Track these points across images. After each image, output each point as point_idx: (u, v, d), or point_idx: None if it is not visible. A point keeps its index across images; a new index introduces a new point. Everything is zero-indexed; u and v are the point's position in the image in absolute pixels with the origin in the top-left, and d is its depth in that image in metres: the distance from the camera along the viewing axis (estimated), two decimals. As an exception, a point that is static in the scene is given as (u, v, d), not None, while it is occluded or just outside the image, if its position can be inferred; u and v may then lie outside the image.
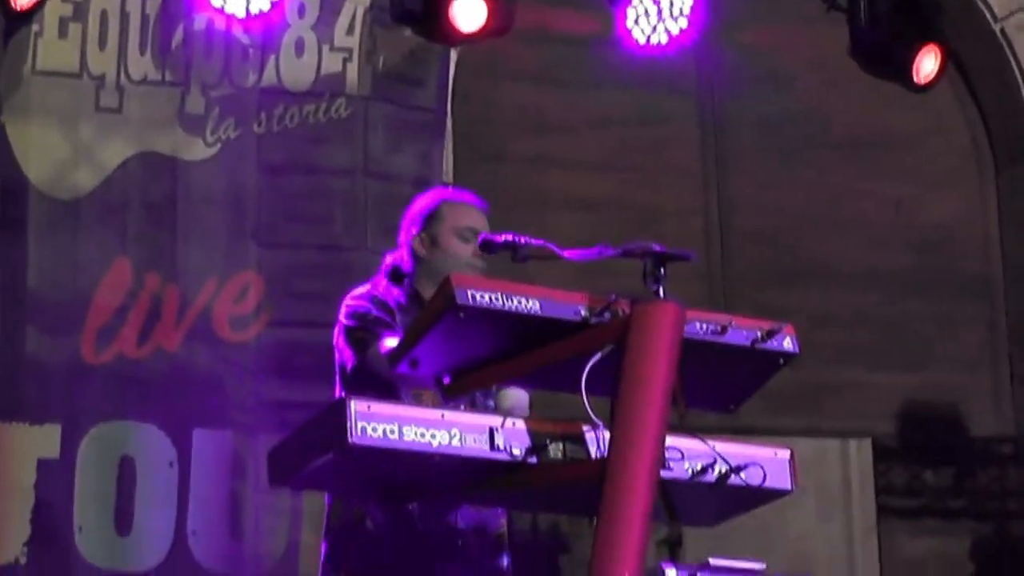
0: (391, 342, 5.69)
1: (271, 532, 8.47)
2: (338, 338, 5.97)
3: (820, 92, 10.20)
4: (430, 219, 6.09)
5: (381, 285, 6.09)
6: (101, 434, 8.33)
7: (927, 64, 9.49)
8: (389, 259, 6.14)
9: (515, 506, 6.08)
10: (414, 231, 6.10)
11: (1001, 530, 10.66)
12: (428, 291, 5.92)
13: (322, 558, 5.95)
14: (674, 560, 5.47)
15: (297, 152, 8.86)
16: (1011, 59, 10.70)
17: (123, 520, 8.30)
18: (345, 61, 8.93)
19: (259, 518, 8.45)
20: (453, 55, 9.31)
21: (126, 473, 8.34)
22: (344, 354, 5.93)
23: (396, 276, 6.11)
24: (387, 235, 6.28)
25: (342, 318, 5.96)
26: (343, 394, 5.81)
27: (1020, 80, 10.71)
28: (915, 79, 9.48)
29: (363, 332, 5.86)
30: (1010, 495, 10.66)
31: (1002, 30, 10.70)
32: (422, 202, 6.17)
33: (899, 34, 9.28)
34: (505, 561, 6.02)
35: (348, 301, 6.00)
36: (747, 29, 10.06)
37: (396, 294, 6.04)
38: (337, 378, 5.97)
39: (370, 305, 5.93)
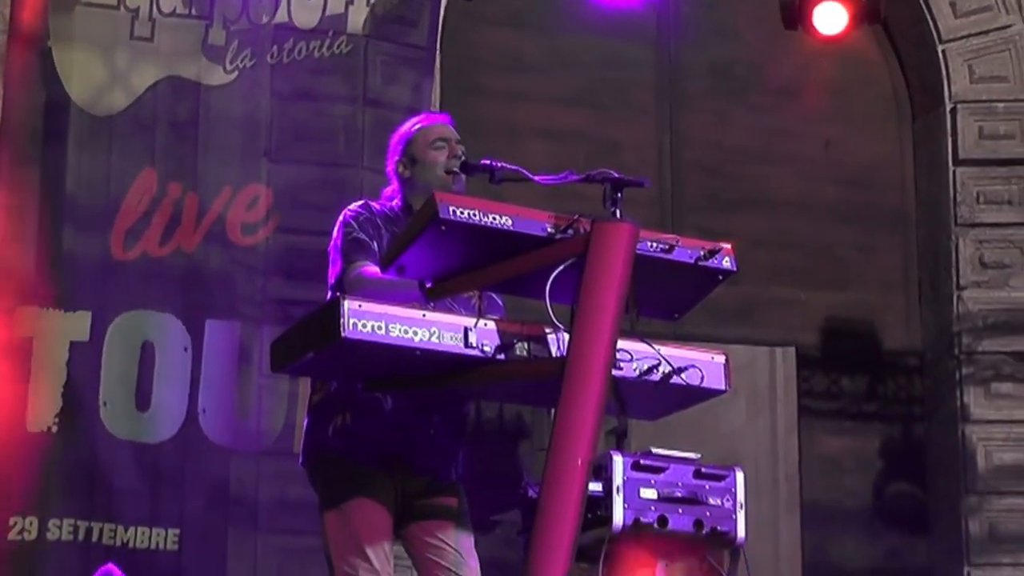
0: (366, 266, 5.73)
1: (271, 412, 8.48)
2: (331, 248, 5.97)
3: (763, 43, 10.20)
4: (407, 144, 6.08)
5: (380, 200, 6.09)
6: (126, 321, 8.32)
7: (834, 17, 9.34)
8: (388, 189, 6.14)
9: (484, 397, 6.11)
10: (396, 158, 6.10)
11: (907, 431, 10.68)
12: (417, 203, 5.91)
13: (304, 430, 5.96)
14: (620, 449, 5.49)
15: (304, 82, 8.84)
16: (928, 17, 10.66)
17: (142, 397, 8.31)
18: (348, 3, 8.92)
19: (261, 399, 8.47)
20: (443, 0, 9.28)
21: (146, 356, 8.34)
22: (334, 264, 5.93)
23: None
24: (381, 155, 6.27)
25: (335, 231, 5.96)
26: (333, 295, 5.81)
27: (935, 36, 10.68)
28: (822, 31, 9.38)
29: (346, 251, 5.86)
30: (915, 401, 10.68)
31: (924, -5, 10.73)
32: (399, 133, 6.16)
33: None
34: (460, 449, 6.01)
35: (342, 216, 5.99)
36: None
37: (390, 209, 6.03)
38: (329, 282, 5.97)
39: (356, 226, 5.91)
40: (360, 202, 6.06)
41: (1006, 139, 10.66)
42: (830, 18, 8.99)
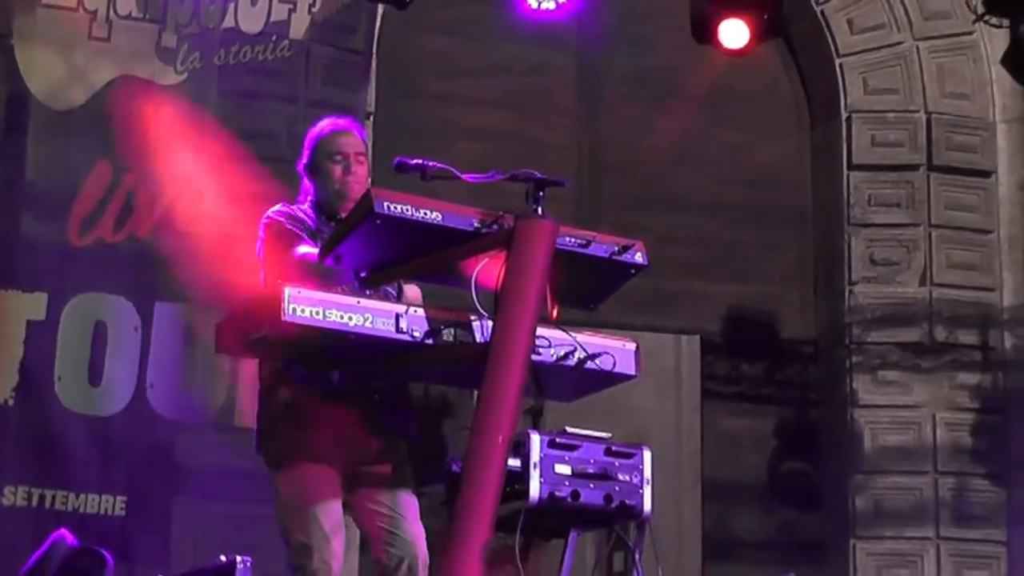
0: (302, 249, 5.71)
1: (214, 388, 8.50)
2: (259, 247, 5.95)
3: (676, 54, 10.18)
4: (312, 151, 6.06)
5: (296, 201, 6.08)
6: (80, 302, 8.32)
7: (737, 33, 9.31)
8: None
9: (413, 378, 6.07)
10: (303, 161, 6.09)
11: (801, 414, 10.73)
12: (325, 203, 5.92)
13: (257, 408, 5.95)
14: (537, 428, 5.51)
15: (249, 83, 8.89)
16: (827, 34, 10.72)
17: (95, 373, 8.32)
18: (290, 11, 8.94)
19: (204, 376, 8.48)
20: (380, 8, 9.26)
21: (99, 335, 8.34)
22: (261, 262, 5.92)
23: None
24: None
25: (261, 232, 5.95)
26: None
27: (833, 51, 10.73)
28: (727, 45, 9.36)
29: (277, 242, 5.85)
30: (809, 386, 10.72)
31: (822, 12, 10.72)
32: (308, 136, 6.14)
33: (718, 5, 9.14)
34: (409, 420, 6.02)
35: (265, 219, 5.97)
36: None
37: (306, 207, 6.03)
38: (261, 277, 5.96)
39: (283, 220, 5.91)
40: (279, 204, 6.03)
41: (896, 146, 10.72)
42: (734, 33, 8.98)
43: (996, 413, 10.53)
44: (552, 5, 8.52)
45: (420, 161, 5.63)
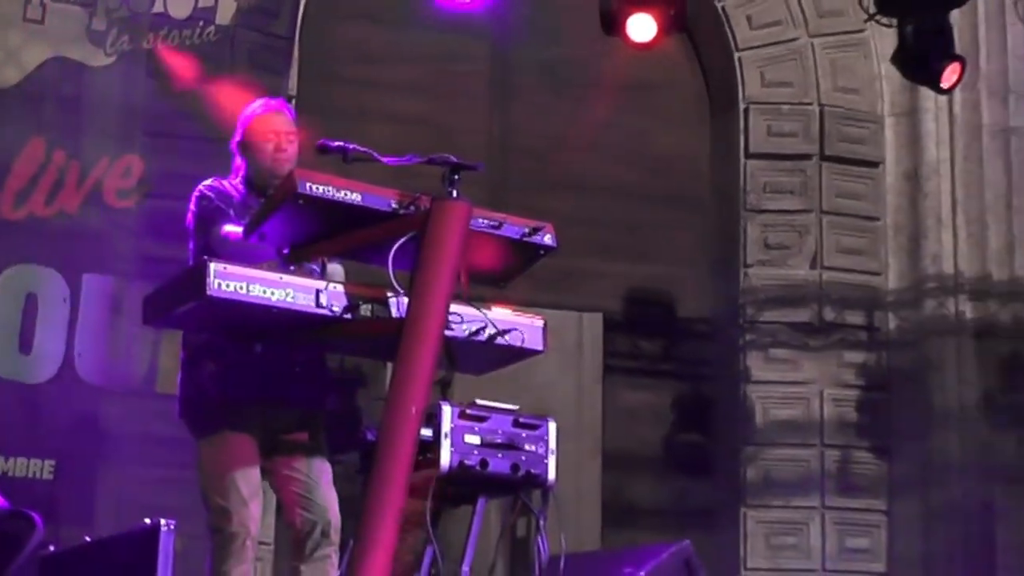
0: (228, 228, 5.72)
1: (138, 357, 8.48)
2: (189, 218, 5.96)
3: (585, 45, 10.18)
4: (244, 129, 6.09)
5: (228, 176, 6.08)
6: (12, 274, 8.32)
7: (645, 27, 9.31)
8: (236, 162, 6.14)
9: (331, 350, 6.09)
10: (237, 138, 6.11)
11: (696, 389, 10.79)
12: (257, 180, 5.95)
13: (180, 377, 5.95)
14: (446, 398, 5.54)
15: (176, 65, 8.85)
16: (728, 30, 10.78)
17: (25, 342, 8.30)
18: (217, -2, 8.98)
19: (129, 346, 8.47)
20: (303, -4, 9.28)
21: (30, 306, 8.32)
22: (192, 233, 5.92)
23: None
24: (242, 132, 6.30)
25: (191, 205, 5.96)
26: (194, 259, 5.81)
27: (733, 45, 10.79)
28: (634, 38, 9.35)
29: (205, 217, 5.86)
30: (705, 363, 10.78)
31: (723, 8, 10.76)
32: (241, 116, 6.16)
33: (627, 2, 9.13)
34: (326, 392, 6.03)
35: (196, 192, 5.99)
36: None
37: (237, 183, 6.03)
38: (190, 248, 5.96)
39: (212, 195, 5.91)
40: (211, 179, 6.05)
41: (790, 136, 10.78)
42: (641, 27, 8.99)
43: (879, 390, 10.62)
44: (467, -1, 8.54)
45: (341, 144, 5.62)
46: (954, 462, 10.38)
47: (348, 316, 5.29)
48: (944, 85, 9.20)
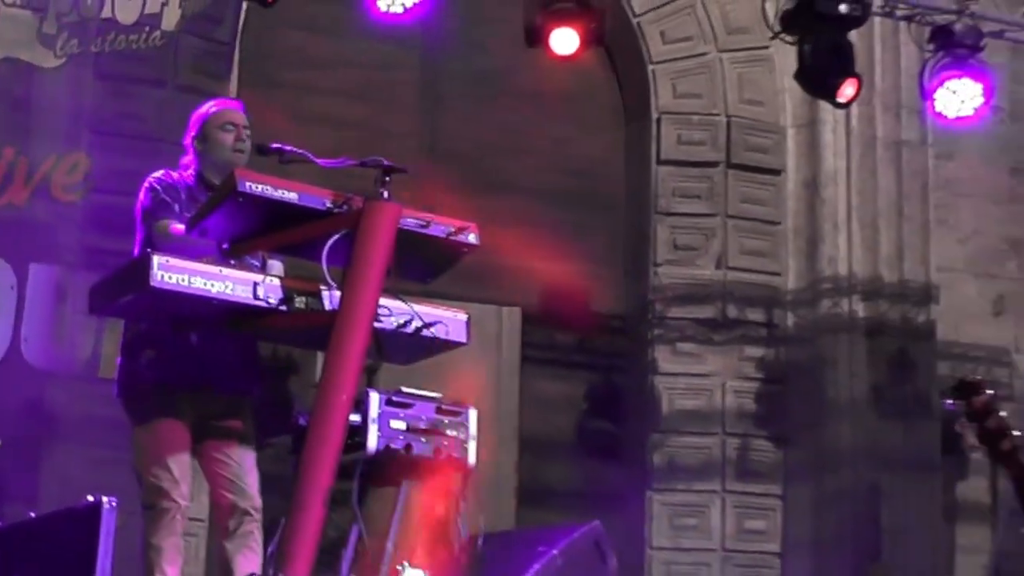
0: (170, 223, 5.70)
1: (82, 343, 8.42)
2: (137, 208, 5.94)
3: (510, 56, 10.15)
4: (203, 124, 6.07)
5: (178, 170, 6.05)
6: (-39, 263, 8.28)
7: (567, 40, 9.28)
8: (185, 159, 6.11)
9: (267, 339, 6.11)
10: (193, 134, 6.08)
11: (608, 380, 10.78)
12: (209, 173, 5.92)
13: (119, 363, 5.92)
14: (372, 385, 5.54)
15: (123, 68, 8.80)
16: (642, 44, 10.79)
17: (-27, 328, 8.27)
18: (163, 5, 8.86)
19: (73, 332, 8.40)
20: (244, 4, 9.18)
21: (-21, 293, 8.30)
22: (140, 223, 5.90)
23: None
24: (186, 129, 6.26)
25: (141, 195, 5.93)
26: (139, 251, 5.78)
27: (647, 59, 10.81)
28: (557, 51, 9.32)
29: (153, 210, 5.83)
30: (616, 355, 10.78)
31: (638, 23, 10.78)
32: (197, 114, 6.14)
33: (550, 17, 9.11)
34: (255, 383, 6.02)
35: (146, 183, 5.96)
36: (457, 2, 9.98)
37: (187, 176, 6.01)
38: (136, 238, 5.93)
39: (160, 189, 5.89)
40: (162, 171, 6.02)
41: (699, 145, 10.80)
42: (564, 41, 8.97)
43: (777, 383, 10.67)
44: (400, 10, 8.49)
45: (279, 145, 5.63)
46: (845, 450, 10.45)
47: (284, 308, 5.30)
48: (841, 100, 9.25)
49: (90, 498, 5.89)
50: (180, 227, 5.60)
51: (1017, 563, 9.97)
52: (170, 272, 5.08)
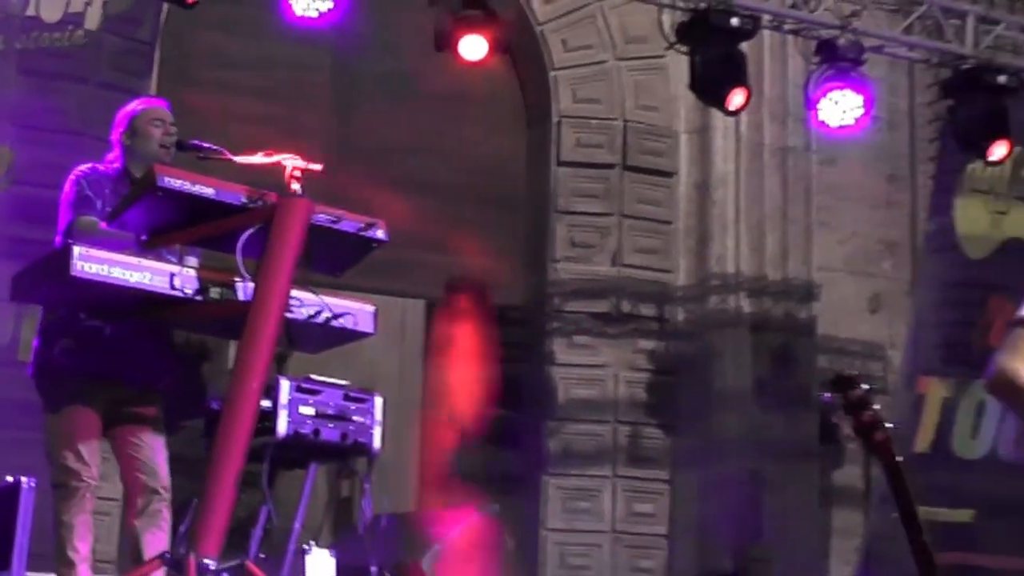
0: (90, 218, 5.67)
1: (1, 328, 8.32)
2: (62, 199, 5.90)
3: (420, 59, 10.14)
4: (131, 119, 6.02)
5: (104, 163, 6.01)
6: None
7: (476, 46, 9.29)
8: (111, 154, 6.06)
9: (183, 328, 6.06)
10: (121, 129, 6.04)
11: (508, 369, 10.70)
12: (134, 167, 5.89)
13: (34, 348, 5.88)
14: (282, 372, 5.55)
15: (47, 65, 8.69)
16: (544, 52, 10.84)
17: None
18: (86, 4, 8.77)
19: (-6, 317, 8.32)
20: (165, 5, 9.11)
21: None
22: (63, 214, 5.86)
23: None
24: (108, 128, 6.19)
25: (66, 186, 5.89)
26: (60, 241, 5.74)
27: (549, 66, 10.85)
28: (466, 57, 9.31)
29: (75, 203, 5.79)
30: (515, 346, 10.79)
31: (541, 31, 10.82)
32: (124, 111, 6.10)
33: (460, 24, 9.11)
34: (166, 371, 6.00)
35: (72, 175, 5.92)
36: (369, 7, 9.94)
37: (112, 170, 5.97)
38: (58, 228, 5.89)
39: (84, 182, 5.85)
40: (88, 165, 5.98)
41: (597, 148, 10.86)
42: (473, 47, 8.96)
43: (667, 374, 10.76)
44: (315, 14, 8.46)
45: (197, 142, 5.63)
46: (729, 439, 10.55)
47: (199, 298, 5.28)
48: (731, 108, 9.32)
49: (9, 479, 5.87)
50: (101, 222, 5.58)
51: (888, 545, 10.11)
52: (90, 262, 5.05)
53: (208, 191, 5.23)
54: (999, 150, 9.76)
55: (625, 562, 10.47)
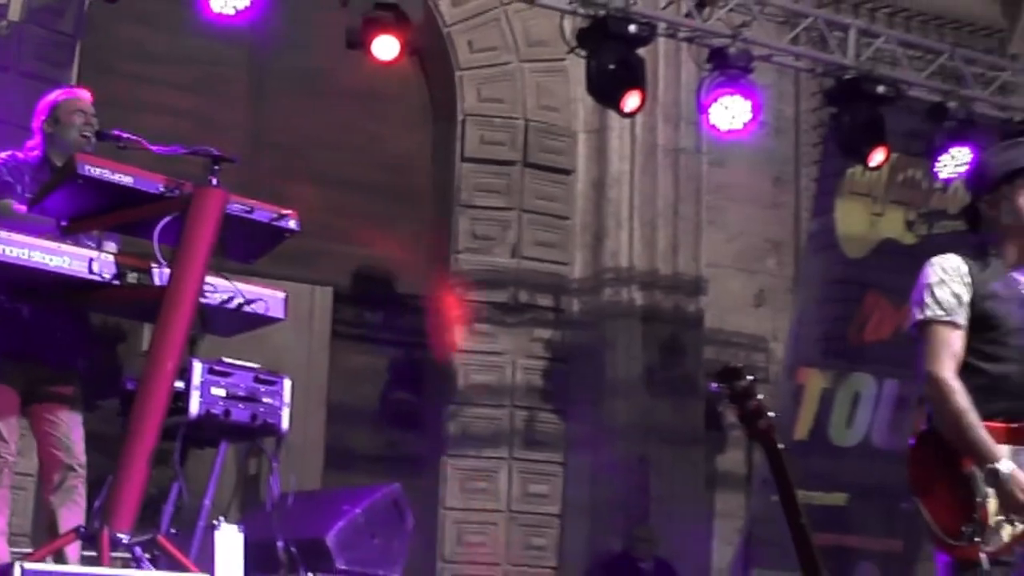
0: (11, 203, 5.61)
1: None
2: None
3: (333, 56, 10.06)
4: (53, 108, 5.97)
5: (24, 151, 5.95)
6: None
7: (387, 47, 9.25)
8: (31, 142, 6.00)
9: (101, 311, 6.02)
10: (43, 118, 5.98)
11: (411, 354, 10.79)
12: (55, 155, 5.83)
13: None
14: (194, 354, 5.51)
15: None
16: (451, 53, 10.83)
17: None
18: (10, -4, 8.71)
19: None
20: (87, -2, 9.06)
21: None
22: None
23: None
24: (30, 115, 6.11)
25: None
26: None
27: (454, 66, 10.84)
28: (378, 57, 9.23)
29: None
30: (419, 333, 10.81)
31: (448, 33, 10.82)
32: (46, 100, 6.04)
33: (372, 25, 9.06)
34: (82, 353, 5.94)
35: None
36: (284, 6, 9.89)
37: (33, 157, 5.91)
38: None
39: (5, 170, 5.79)
40: (8, 152, 5.92)
41: (499, 145, 10.89)
42: (385, 47, 8.89)
43: (562, 362, 10.82)
44: (232, 11, 8.40)
45: (117, 132, 5.58)
46: (620, 424, 10.64)
47: (116, 282, 5.24)
48: (626, 109, 9.38)
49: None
50: (22, 207, 5.52)
51: (768, 527, 10.24)
52: (10, 246, 5.00)
53: (127, 180, 5.19)
54: (878, 156, 9.92)
55: (519, 540, 10.52)
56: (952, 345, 4.42)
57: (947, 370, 4.37)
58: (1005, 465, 4.27)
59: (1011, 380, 4.43)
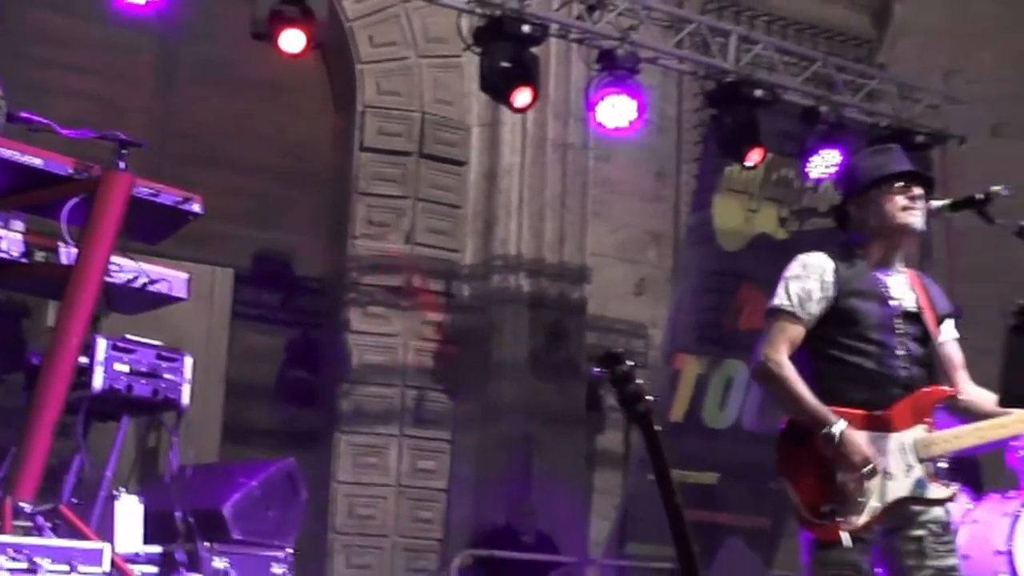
0: None
1: None
2: None
3: (239, 45, 9.92)
4: None
5: None
6: None
7: (293, 40, 9.12)
8: None
9: (7, 287, 5.98)
10: None
11: (307, 335, 10.72)
12: None
13: None
14: (98, 331, 5.48)
15: None
16: (352, 46, 10.79)
17: None
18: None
19: None
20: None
21: None
22: None
23: None
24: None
25: None
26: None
27: (355, 59, 10.81)
28: (285, 49, 9.15)
29: None
30: (316, 314, 10.77)
31: (350, 27, 10.78)
32: None
33: (278, 18, 8.97)
34: None
35: None
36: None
37: None
38: None
39: None
40: None
41: (396, 136, 10.87)
42: (291, 40, 8.77)
43: (452, 344, 10.83)
44: (142, 0, 8.30)
45: (27, 115, 5.52)
46: (505, 404, 10.69)
47: (24, 260, 5.20)
48: (517, 105, 9.41)
49: None
50: None
51: (643, 504, 10.35)
52: (-81, 228, 4.95)
53: (37, 161, 5.16)
54: (754, 155, 10.05)
55: (408, 513, 10.54)
56: (790, 335, 4.55)
57: (780, 353, 4.51)
58: (838, 427, 4.39)
59: (871, 371, 4.55)
